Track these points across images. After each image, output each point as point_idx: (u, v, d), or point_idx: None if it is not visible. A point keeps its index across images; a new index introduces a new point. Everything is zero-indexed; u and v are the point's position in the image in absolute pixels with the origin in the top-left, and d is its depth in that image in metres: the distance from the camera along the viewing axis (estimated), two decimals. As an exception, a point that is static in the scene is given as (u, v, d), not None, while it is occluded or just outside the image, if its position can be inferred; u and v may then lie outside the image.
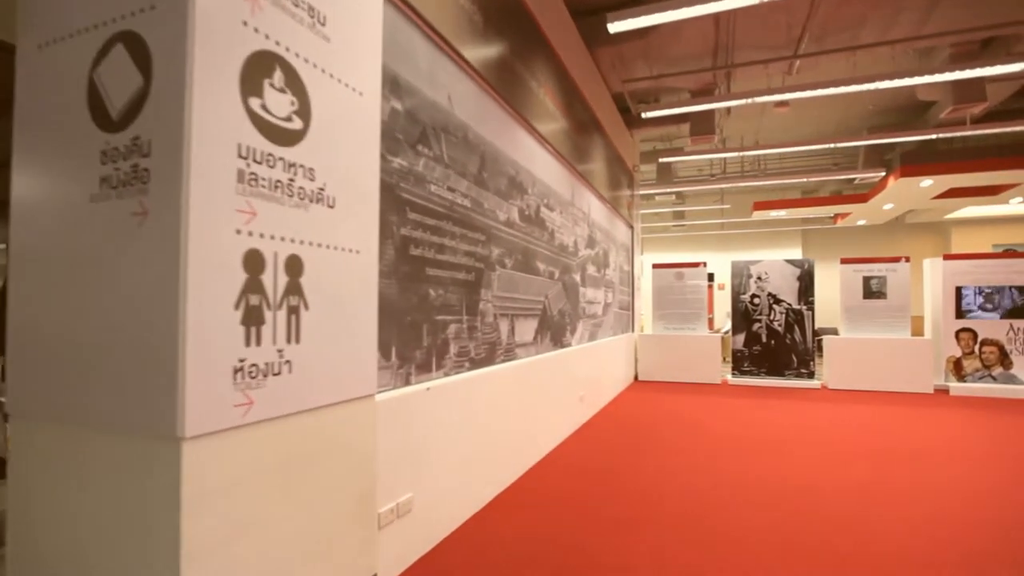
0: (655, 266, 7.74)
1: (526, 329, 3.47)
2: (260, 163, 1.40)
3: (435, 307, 2.35)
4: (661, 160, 7.09)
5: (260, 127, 1.40)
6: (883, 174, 8.12)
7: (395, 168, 2.08)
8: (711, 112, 5.98)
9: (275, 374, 1.43)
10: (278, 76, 1.47)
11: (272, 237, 1.43)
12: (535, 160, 3.69)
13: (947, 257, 6.48)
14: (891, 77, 4.45)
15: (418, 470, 2.15)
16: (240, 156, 1.34)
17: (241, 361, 1.34)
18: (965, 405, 5.56)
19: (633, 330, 7.71)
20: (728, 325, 10.80)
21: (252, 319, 1.37)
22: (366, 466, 1.79)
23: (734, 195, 13.07)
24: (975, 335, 6.29)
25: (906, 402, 5.71)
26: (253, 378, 1.37)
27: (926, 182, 8.15)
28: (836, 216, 12.00)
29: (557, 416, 3.95)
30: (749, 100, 4.94)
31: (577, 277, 4.74)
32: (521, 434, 3.24)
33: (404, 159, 2.14)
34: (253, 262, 1.38)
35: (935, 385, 6.35)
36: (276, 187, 1.45)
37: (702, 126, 6.02)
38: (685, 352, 7.29)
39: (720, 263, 14.25)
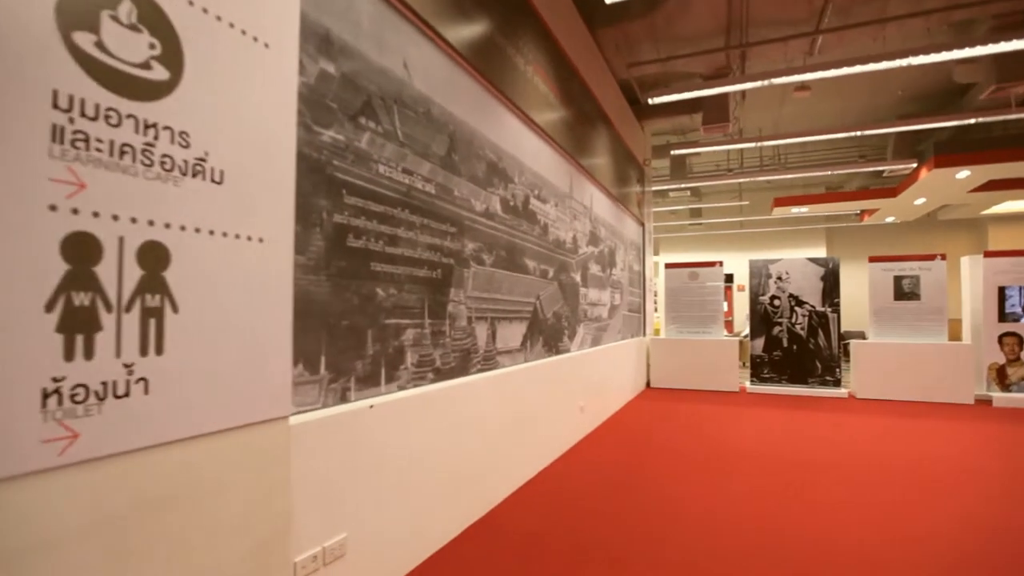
0: (668, 266, 7.30)
1: (512, 334, 3.10)
2: (95, 119, 1.06)
3: (385, 309, 2.00)
4: (674, 152, 6.66)
5: (94, 72, 1.06)
6: (914, 165, 7.55)
7: (326, 142, 1.73)
8: (725, 98, 5.55)
9: (119, 396, 1.09)
10: (126, 8, 1.13)
11: (115, 218, 1.09)
12: (523, 146, 3.32)
13: (988, 255, 5.93)
14: (926, 52, 3.98)
15: (357, 505, 1.79)
16: (58, 107, 1.01)
17: (57, 381, 0.99)
18: (1011, 418, 5.02)
19: (644, 334, 7.28)
20: (748, 328, 10.27)
21: (77, 324, 1.03)
22: (273, 505, 1.44)
23: (753, 192, 12.53)
24: (1021, 340, 5.73)
25: (944, 414, 5.18)
26: (79, 403, 1.03)
27: (962, 173, 7.56)
28: (863, 213, 11.37)
29: (550, 431, 3.57)
30: (767, 82, 4.50)
31: (577, 276, 4.35)
32: (501, 454, 2.86)
33: (340, 132, 1.79)
34: (80, 249, 1.04)
35: (976, 395, 5.79)
36: (123, 153, 1.11)
37: (715, 113, 5.58)
38: (700, 357, 6.83)
39: (740, 263, 13.70)
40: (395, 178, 2.08)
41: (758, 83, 4.57)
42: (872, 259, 6.27)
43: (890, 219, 11.16)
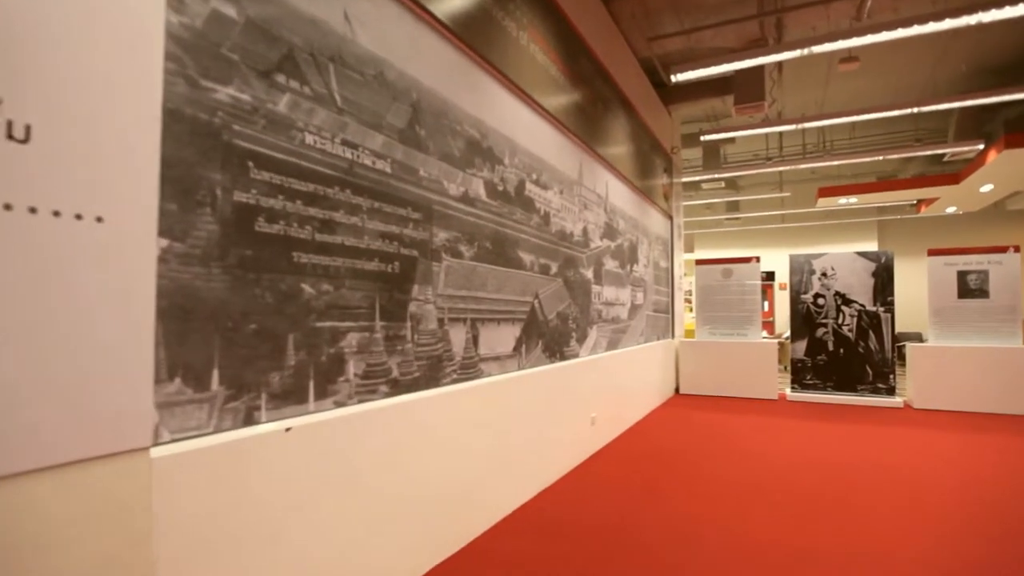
0: (698, 262, 6.75)
1: (501, 338, 2.71)
2: None
3: (315, 309, 1.65)
4: (704, 138, 6.11)
5: None
6: (981, 147, 6.74)
7: (222, 102, 1.38)
8: (759, 73, 4.99)
9: None
10: None
11: None
12: (517, 125, 2.93)
13: (1072, 245, 5.16)
14: (999, 4, 3.37)
15: (263, 556, 1.44)
16: None
17: None
18: (1104, 434, 4.30)
19: (673, 335, 6.75)
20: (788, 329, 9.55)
21: None
22: (126, 567, 1.10)
23: (795, 184, 11.72)
24: (1113, 343, 4.95)
25: (1020, 429, 4.50)
26: None
27: (1037, 156, 6.70)
28: (919, 203, 10.43)
29: (551, 447, 3.16)
30: (807, 50, 3.96)
31: (588, 273, 3.93)
32: (483, 476, 2.48)
33: (245, 91, 1.45)
34: None
35: (1058, 406, 5.05)
36: None
37: (749, 91, 5.03)
38: (735, 361, 6.27)
39: (781, 260, 12.89)
40: (331, 151, 1.72)
41: (797, 52, 4.02)
42: (932, 252, 5.58)
43: (951, 209, 10.18)
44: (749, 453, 3.73)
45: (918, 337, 10.55)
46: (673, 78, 4.38)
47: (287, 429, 1.50)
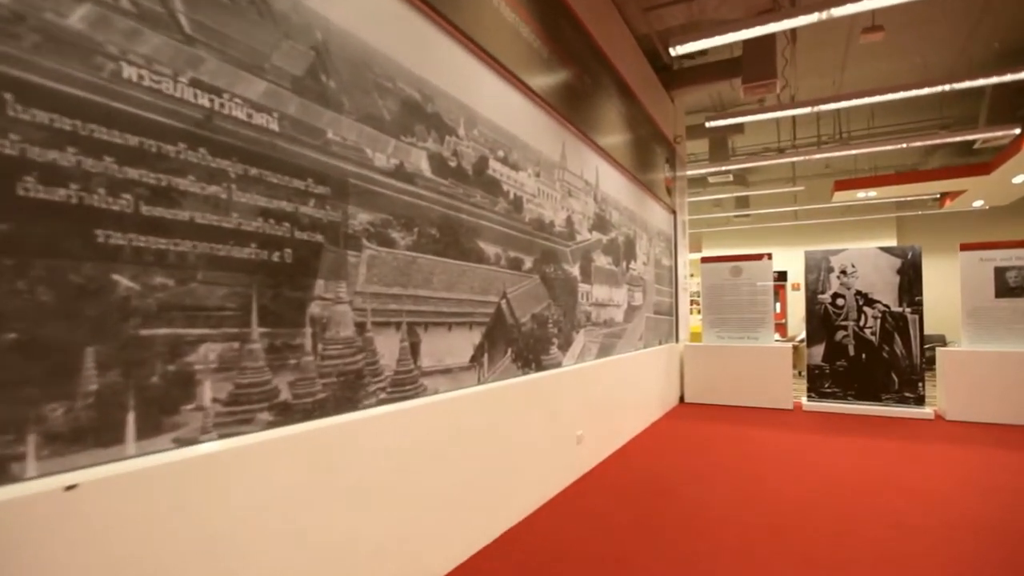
0: (704, 260, 6.22)
1: (453, 346, 2.23)
2: None
3: (140, 311, 1.17)
4: (710, 123, 5.58)
5: None
6: (1017, 132, 6.14)
7: (-51, -2, 0.92)
8: (770, 46, 4.46)
9: None
10: None
11: None
12: (478, 91, 2.45)
13: None
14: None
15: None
16: None
17: None
18: None
19: (677, 339, 6.22)
20: (804, 332, 8.96)
21: None
22: None
23: (809, 179, 11.11)
24: None
25: (1074, 446, 3.92)
26: None
27: (1078, 142, 6.11)
28: (943, 197, 9.79)
29: (520, 476, 2.66)
30: (824, 14, 3.44)
31: (574, 270, 3.43)
32: (415, 530, 1.99)
33: (1, -11, 0.98)
34: None
35: (1113, 419, 4.46)
36: None
37: (759, 68, 4.50)
38: (745, 367, 5.73)
39: (794, 259, 12.29)
40: (172, 93, 1.25)
41: (814, 16, 3.50)
42: (964, 247, 5.01)
43: (978, 203, 9.53)
44: (760, 479, 3.21)
45: (941, 340, 9.90)
46: (673, 51, 3.88)
47: (69, 487, 1.02)
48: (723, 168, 7.73)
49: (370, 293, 1.81)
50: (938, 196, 9.98)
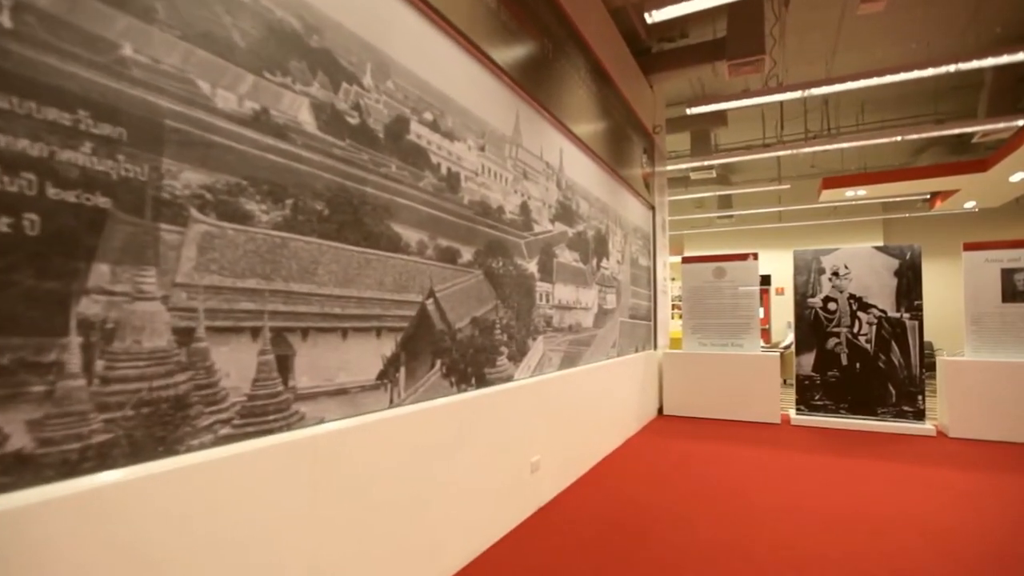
0: (685, 260, 5.76)
1: (351, 359, 1.70)
2: None
3: None
4: (691, 110, 5.13)
5: None
6: (1020, 123, 5.75)
7: None
8: (758, 17, 4.00)
9: None
10: None
11: None
12: (391, 28, 1.92)
13: None
14: None
15: None
16: None
17: None
18: None
19: (655, 347, 5.74)
20: (790, 338, 8.53)
21: None
22: None
23: (795, 180, 10.75)
24: None
25: (1094, 469, 3.49)
26: None
27: (1081, 137, 5.76)
28: (934, 198, 9.46)
29: (441, 530, 2.13)
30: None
31: (530, 265, 2.92)
32: (298, 598, 1.45)
33: None
34: None
35: None
36: None
37: (745, 43, 4.04)
38: (728, 377, 5.26)
39: (779, 262, 11.95)
40: None
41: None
42: (968, 246, 4.59)
43: (970, 204, 9.20)
44: (746, 513, 2.72)
45: (931, 347, 9.57)
46: (649, 18, 3.40)
47: None
48: (706, 163, 7.29)
49: (204, 286, 1.27)
50: (928, 197, 9.66)
